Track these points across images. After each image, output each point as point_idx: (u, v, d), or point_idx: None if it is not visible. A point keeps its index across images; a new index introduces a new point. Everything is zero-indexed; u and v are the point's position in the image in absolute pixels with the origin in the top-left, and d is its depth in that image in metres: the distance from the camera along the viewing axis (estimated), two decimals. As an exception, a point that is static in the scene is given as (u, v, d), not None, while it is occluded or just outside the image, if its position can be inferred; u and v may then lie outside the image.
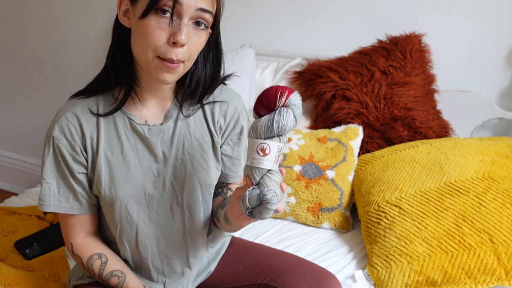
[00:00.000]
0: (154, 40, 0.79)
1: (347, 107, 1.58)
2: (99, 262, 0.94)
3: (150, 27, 0.79)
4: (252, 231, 1.41)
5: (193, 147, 0.95)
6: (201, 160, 0.96)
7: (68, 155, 0.90)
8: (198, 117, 0.97)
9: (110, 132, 0.91)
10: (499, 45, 1.59)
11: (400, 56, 1.61)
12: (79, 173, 0.92)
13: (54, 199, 0.92)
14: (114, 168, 0.91)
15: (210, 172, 0.97)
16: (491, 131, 1.68)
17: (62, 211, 0.93)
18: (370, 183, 1.40)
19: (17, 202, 1.63)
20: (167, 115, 0.94)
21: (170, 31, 0.79)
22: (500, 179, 1.26)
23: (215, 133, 0.98)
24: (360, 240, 1.38)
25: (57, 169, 0.91)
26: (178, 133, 0.94)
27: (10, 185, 2.77)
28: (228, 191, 1.06)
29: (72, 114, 0.90)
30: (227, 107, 0.99)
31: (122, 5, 0.85)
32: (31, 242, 1.39)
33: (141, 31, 0.80)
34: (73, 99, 0.93)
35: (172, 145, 0.94)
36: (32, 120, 2.58)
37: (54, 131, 0.89)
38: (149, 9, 0.78)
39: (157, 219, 0.96)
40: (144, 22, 0.79)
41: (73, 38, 2.30)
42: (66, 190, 0.92)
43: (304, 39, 1.87)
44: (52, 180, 0.92)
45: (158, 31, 0.79)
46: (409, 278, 1.16)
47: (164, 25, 0.79)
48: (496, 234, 1.14)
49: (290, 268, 1.00)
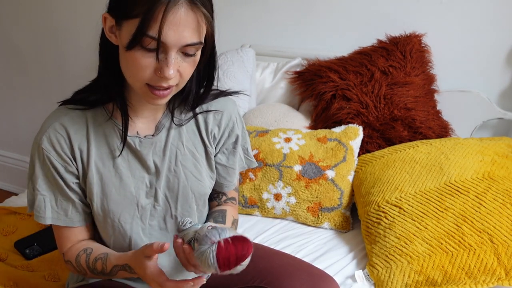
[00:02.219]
0: (141, 73, 0.77)
1: (347, 107, 1.58)
2: (85, 255, 0.91)
3: (136, 60, 0.76)
4: (252, 230, 1.41)
5: (186, 158, 0.94)
6: (194, 170, 0.95)
7: (60, 166, 0.88)
8: (190, 127, 0.95)
9: (101, 144, 0.89)
10: (499, 45, 1.59)
11: (400, 56, 1.61)
12: (73, 183, 0.90)
13: (52, 211, 0.90)
14: (106, 181, 0.89)
15: (204, 183, 0.96)
16: (491, 131, 1.68)
17: (61, 223, 0.91)
18: (370, 183, 1.40)
19: (17, 202, 1.63)
20: (158, 126, 0.92)
21: (157, 65, 0.76)
22: (500, 179, 1.26)
23: (209, 143, 0.97)
24: (360, 240, 1.38)
25: (50, 181, 0.89)
26: (171, 144, 0.92)
27: (10, 185, 2.77)
28: (223, 196, 1.06)
29: (60, 125, 0.87)
30: (221, 116, 0.97)
31: (107, 21, 0.80)
32: (31, 242, 1.39)
33: (128, 60, 0.77)
34: (60, 108, 0.90)
35: (165, 157, 0.92)
36: (32, 120, 2.58)
37: (43, 143, 0.87)
38: (133, 44, 0.74)
39: (150, 231, 0.95)
40: (130, 53, 0.76)
41: (73, 38, 2.30)
42: (64, 201, 0.90)
43: (304, 39, 1.87)
44: (47, 192, 0.89)
45: (145, 64, 0.76)
46: (409, 278, 1.16)
47: (151, 58, 0.76)
48: (496, 234, 1.14)
49: (288, 271, 0.99)
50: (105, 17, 0.80)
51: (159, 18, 0.72)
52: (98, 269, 0.90)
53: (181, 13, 0.73)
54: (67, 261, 0.94)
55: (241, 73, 1.72)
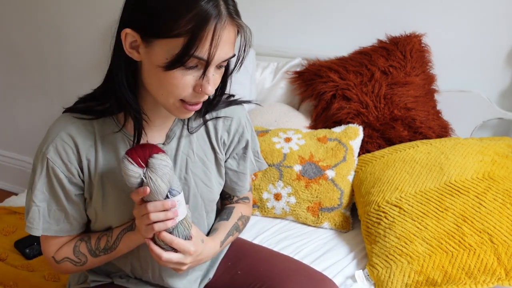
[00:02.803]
0: (179, 91, 0.75)
1: (347, 107, 1.58)
2: (84, 242, 0.90)
3: (175, 79, 0.74)
4: (252, 230, 1.41)
5: (196, 166, 0.93)
6: (204, 178, 0.94)
7: (64, 177, 0.85)
8: (200, 134, 0.94)
9: (109, 154, 0.87)
10: (499, 45, 1.59)
11: (400, 56, 1.61)
12: (75, 195, 0.88)
13: (44, 222, 0.88)
14: (113, 192, 0.88)
15: (213, 189, 0.96)
16: (491, 131, 1.68)
17: (52, 233, 0.89)
18: (370, 183, 1.40)
19: (17, 202, 1.63)
20: (169, 134, 0.91)
21: (197, 81, 0.75)
22: (500, 179, 1.26)
23: (218, 149, 0.96)
24: (360, 240, 1.38)
25: (49, 191, 0.87)
26: (181, 152, 0.91)
27: (10, 185, 2.77)
28: (235, 196, 1.06)
29: (67, 135, 0.84)
30: (230, 122, 0.96)
31: (128, 37, 0.75)
32: (31, 241, 1.39)
33: (162, 79, 0.75)
34: (65, 116, 0.86)
35: (176, 165, 0.91)
36: (32, 120, 2.58)
37: (48, 153, 0.84)
38: (175, 65, 0.71)
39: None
40: (168, 73, 0.73)
41: (73, 38, 2.30)
42: (58, 212, 0.88)
43: (304, 39, 1.87)
44: (42, 202, 0.87)
45: (184, 83, 0.74)
46: (409, 278, 1.16)
47: (190, 76, 0.74)
48: (496, 234, 1.14)
49: (288, 275, 0.99)
50: (126, 33, 0.75)
51: (209, 39, 0.70)
52: (101, 246, 0.89)
53: (227, 32, 0.73)
54: (61, 260, 0.92)
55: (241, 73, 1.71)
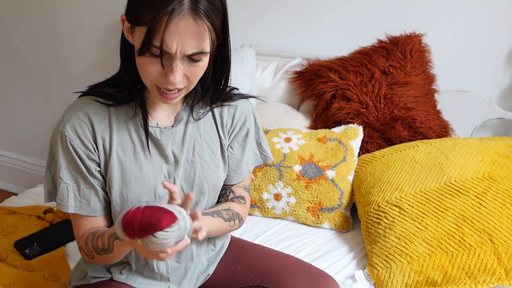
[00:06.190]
0: (149, 75, 0.81)
1: (347, 107, 1.58)
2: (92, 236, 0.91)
3: (145, 64, 0.80)
4: (252, 231, 1.41)
5: (203, 149, 0.97)
6: (210, 162, 0.98)
7: (83, 154, 0.90)
8: (208, 120, 0.99)
9: (123, 133, 0.92)
10: (499, 45, 1.59)
11: (400, 56, 1.61)
12: (96, 170, 0.92)
13: (76, 201, 0.91)
14: (126, 169, 0.91)
15: (219, 174, 0.99)
16: (491, 131, 1.68)
17: (84, 213, 0.92)
18: (370, 183, 1.40)
19: (17, 202, 1.63)
20: (177, 118, 0.96)
21: (163, 70, 0.80)
22: (500, 179, 1.26)
23: (223, 136, 1.00)
24: (360, 240, 1.38)
25: (74, 169, 0.91)
26: (189, 135, 0.96)
27: (10, 185, 2.77)
28: (231, 193, 1.07)
29: (83, 114, 0.90)
30: (235, 109, 1.01)
31: (125, 22, 0.84)
32: (31, 242, 1.39)
33: (139, 63, 0.82)
34: (82, 99, 0.93)
35: (183, 147, 0.95)
36: (32, 120, 2.58)
37: (66, 131, 0.89)
38: (142, 51, 0.78)
39: None
40: (140, 58, 0.80)
41: (73, 39, 2.30)
42: (87, 190, 0.92)
43: (304, 39, 1.87)
44: (70, 180, 0.91)
45: (152, 70, 0.80)
46: (409, 278, 1.16)
47: (158, 63, 0.79)
48: (496, 234, 1.14)
49: (288, 270, 1.00)
50: (123, 20, 0.84)
51: (162, 28, 0.75)
52: (99, 247, 0.91)
53: (183, 23, 0.75)
54: (80, 248, 0.95)
55: (241, 73, 1.72)
